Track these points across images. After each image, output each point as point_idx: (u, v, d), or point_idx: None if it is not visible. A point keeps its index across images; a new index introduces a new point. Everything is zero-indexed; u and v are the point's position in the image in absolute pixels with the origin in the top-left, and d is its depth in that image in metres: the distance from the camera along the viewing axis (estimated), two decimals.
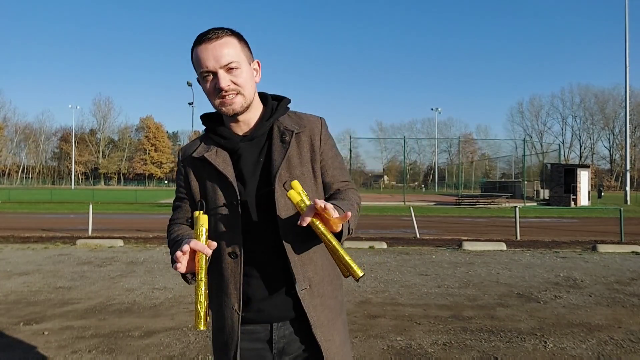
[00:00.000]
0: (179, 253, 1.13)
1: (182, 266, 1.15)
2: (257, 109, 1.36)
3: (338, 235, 1.17)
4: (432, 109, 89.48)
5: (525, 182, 32.68)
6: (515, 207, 11.67)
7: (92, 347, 3.62)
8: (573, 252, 8.65)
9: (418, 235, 11.08)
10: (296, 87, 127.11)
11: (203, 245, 1.14)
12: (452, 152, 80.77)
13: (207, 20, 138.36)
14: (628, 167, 38.08)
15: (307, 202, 1.14)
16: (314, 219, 1.12)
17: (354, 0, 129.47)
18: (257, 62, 1.37)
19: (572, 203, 26.99)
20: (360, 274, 1.11)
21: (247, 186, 1.30)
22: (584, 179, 28.74)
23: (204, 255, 1.14)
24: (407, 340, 3.78)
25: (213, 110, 1.35)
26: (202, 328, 1.14)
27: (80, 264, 7.16)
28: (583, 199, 28.40)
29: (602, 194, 36.11)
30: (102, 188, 78.64)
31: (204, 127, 1.42)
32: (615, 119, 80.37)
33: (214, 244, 1.17)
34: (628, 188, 35.18)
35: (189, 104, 35.54)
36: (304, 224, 1.10)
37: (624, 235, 10.58)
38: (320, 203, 1.07)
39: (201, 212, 1.20)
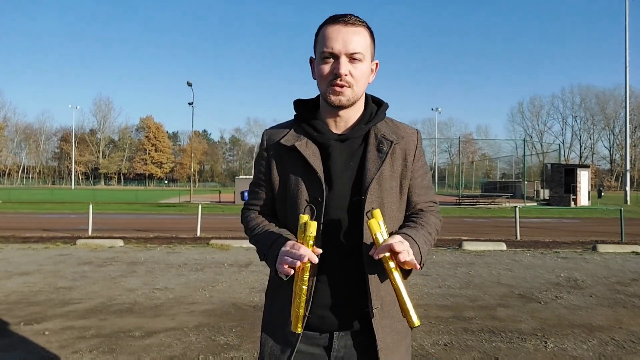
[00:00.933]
0: (297, 264, 1.13)
1: (292, 271, 1.15)
2: (359, 109, 1.30)
3: (407, 271, 1.20)
4: (432, 109, 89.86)
5: (526, 182, 32.68)
6: (515, 207, 11.66)
7: (93, 347, 3.62)
8: (574, 253, 8.65)
9: None
10: (296, 86, 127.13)
11: (312, 253, 1.13)
12: (452, 152, 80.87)
13: (207, 20, 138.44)
14: (628, 167, 38.13)
15: (385, 236, 1.16)
16: (386, 256, 1.13)
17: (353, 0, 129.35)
18: (377, 63, 1.31)
19: (572, 203, 27.00)
20: (416, 324, 1.13)
21: (332, 187, 1.24)
22: (584, 179, 28.76)
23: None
24: None
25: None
26: (299, 331, 1.18)
27: (80, 264, 7.15)
28: (583, 199, 28.41)
29: (602, 194, 36.12)
30: (102, 188, 78.65)
31: (294, 114, 1.35)
32: (615, 119, 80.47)
33: (319, 250, 1.16)
34: (628, 188, 35.21)
35: (189, 104, 35.41)
36: (376, 258, 1.12)
37: (624, 235, 10.59)
38: (397, 247, 1.10)
39: (309, 218, 1.18)
